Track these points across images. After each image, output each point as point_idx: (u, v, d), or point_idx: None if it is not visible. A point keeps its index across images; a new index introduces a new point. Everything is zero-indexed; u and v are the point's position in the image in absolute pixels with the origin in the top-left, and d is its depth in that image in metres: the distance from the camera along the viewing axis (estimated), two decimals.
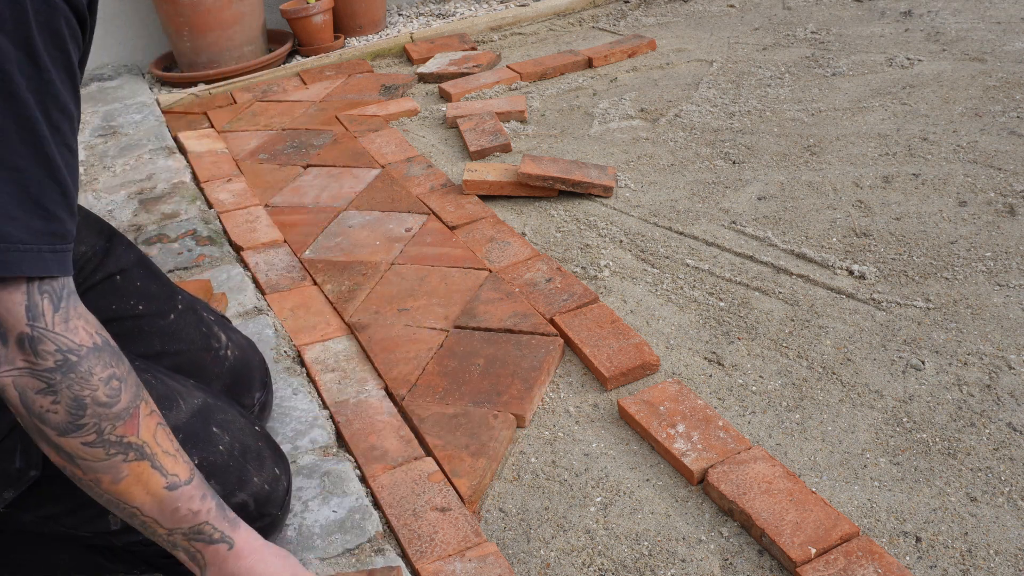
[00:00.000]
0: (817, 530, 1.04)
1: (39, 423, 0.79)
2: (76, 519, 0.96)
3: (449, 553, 1.07)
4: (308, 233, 1.94)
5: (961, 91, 2.28)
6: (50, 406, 0.78)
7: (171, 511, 0.86)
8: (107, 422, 0.80)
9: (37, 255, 0.75)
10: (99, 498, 0.84)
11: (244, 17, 3.09)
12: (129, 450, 0.82)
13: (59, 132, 0.77)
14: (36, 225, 0.74)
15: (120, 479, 0.82)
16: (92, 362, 0.80)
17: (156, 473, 0.84)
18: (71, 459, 0.81)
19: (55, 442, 0.80)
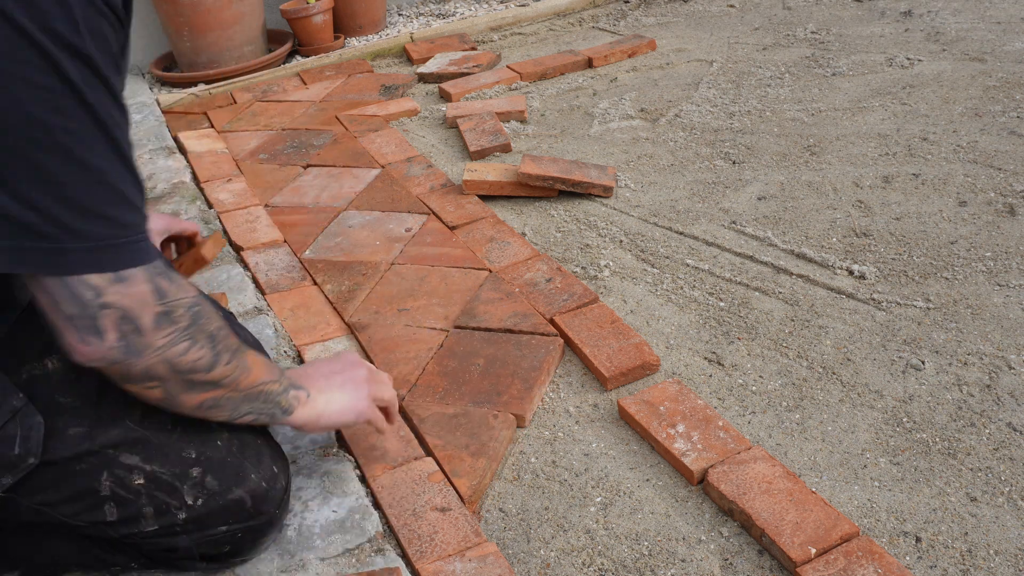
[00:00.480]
0: (817, 530, 1.04)
1: (189, 375, 0.91)
2: (73, 508, 0.96)
3: (449, 553, 1.07)
4: (308, 233, 1.94)
5: (961, 91, 2.28)
6: (196, 354, 0.91)
7: (269, 364, 1.03)
8: (228, 339, 0.95)
9: (142, 245, 0.83)
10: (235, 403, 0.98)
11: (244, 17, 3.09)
12: (241, 347, 0.98)
13: (124, 133, 0.82)
14: (130, 219, 0.82)
15: (250, 370, 0.99)
16: (205, 303, 0.93)
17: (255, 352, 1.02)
18: (217, 385, 0.95)
19: (205, 380, 0.93)
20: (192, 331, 0.90)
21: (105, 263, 0.80)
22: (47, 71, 0.72)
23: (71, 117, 0.74)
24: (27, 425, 0.89)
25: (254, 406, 1.01)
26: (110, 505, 0.97)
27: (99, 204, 0.78)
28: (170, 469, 0.99)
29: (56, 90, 0.73)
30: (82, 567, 1.10)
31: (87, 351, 0.84)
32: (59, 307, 0.81)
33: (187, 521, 1.00)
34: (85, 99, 0.75)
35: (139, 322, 0.84)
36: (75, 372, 0.95)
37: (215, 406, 0.97)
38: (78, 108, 0.75)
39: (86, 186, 0.77)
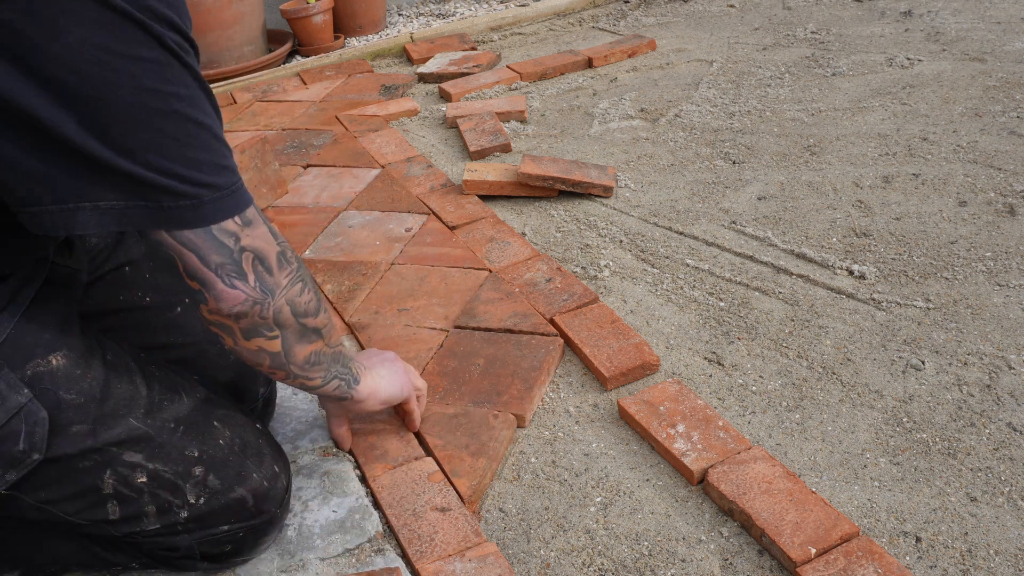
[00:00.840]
0: (817, 530, 1.04)
1: (304, 319, 0.96)
2: (76, 506, 0.97)
3: (449, 553, 1.07)
4: (308, 233, 1.94)
5: (961, 91, 2.28)
6: (308, 296, 0.96)
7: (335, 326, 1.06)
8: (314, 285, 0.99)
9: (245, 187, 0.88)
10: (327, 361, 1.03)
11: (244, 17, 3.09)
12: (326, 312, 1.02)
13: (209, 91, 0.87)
14: (235, 163, 0.88)
15: (334, 328, 1.03)
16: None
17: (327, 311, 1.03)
18: (319, 334, 1.00)
19: (313, 326, 0.98)
20: (302, 273, 0.95)
21: (235, 207, 0.86)
22: (153, 45, 0.77)
23: (180, 83, 0.80)
24: (32, 421, 0.90)
25: (338, 369, 1.06)
26: (112, 503, 0.97)
27: (217, 156, 0.84)
28: (173, 467, 0.99)
29: (163, 61, 0.78)
30: (82, 566, 1.10)
31: (234, 296, 0.88)
32: (207, 258, 0.86)
33: (189, 520, 1.01)
34: (187, 63, 0.80)
35: (268, 262, 0.90)
36: (80, 369, 0.95)
37: (317, 363, 1.01)
38: (184, 73, 0.80)
39: (204, 142, 0.82)
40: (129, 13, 0.75)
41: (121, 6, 0.74)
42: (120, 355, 1.02)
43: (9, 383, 0.89)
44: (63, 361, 0.94)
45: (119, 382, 0.98)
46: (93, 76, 0.75)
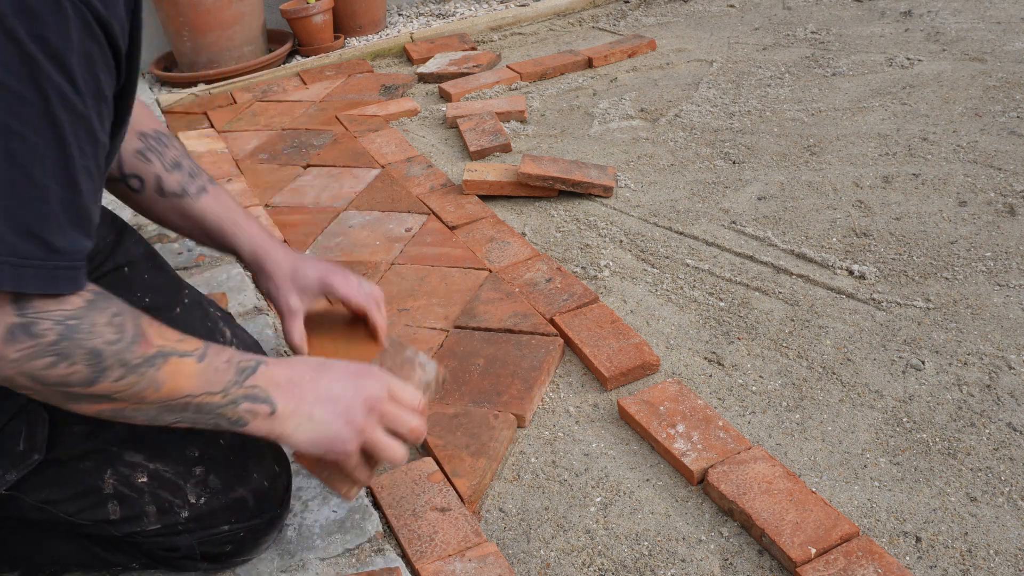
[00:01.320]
0: (817, 530, 1.04)
1: (63, 388, 0.82)
2: (76, 506, 0.97)
3: (449, 553, 1.07)
4: (308, 233, 1.94)
5: (961, 91, 2.28)
6: (67, 371, 0.81)
7: (213, 373, 0.89)
8: (126, 353, 0.84)
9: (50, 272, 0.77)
10: (149, 413, 0.87)
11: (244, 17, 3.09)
12: (155, 359, 0.86)
13: (84, 155, 0.78)
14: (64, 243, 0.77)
15: (161, 385, 0.86)
16: (92, 316, 0.82)
17: (184, 358, 0.88)
18: (107, 398, 0.84)
19: (86, 393, 0.83)
20: (62, 347, 0.80)
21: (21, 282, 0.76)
22: (23, 79, 0.71)
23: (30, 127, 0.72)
24: (32, 421, 0.90)
25: (183, 416, 0.89)
26: (113, 503, 0.97)
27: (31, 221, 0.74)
28: (173, 467, 0.99)
29: (26, 99, 0.72)
30: (82, 566, 1.10)
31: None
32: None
33: (189, 520, 1.01)
34: (52, 113, 0.73)
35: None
36: None
37: (121, 416, 0.87)
38: (42, 120, 0.73)
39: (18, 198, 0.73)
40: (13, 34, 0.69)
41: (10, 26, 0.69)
42: None
43: None
44: None
45: None
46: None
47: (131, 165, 1.16)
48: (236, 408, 0.91)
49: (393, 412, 0.96)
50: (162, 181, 1.17)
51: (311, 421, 0.93)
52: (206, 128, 2.69)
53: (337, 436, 0.93)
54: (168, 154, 1.18)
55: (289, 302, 1.18)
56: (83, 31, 0.74)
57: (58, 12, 0.71)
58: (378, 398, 0.95)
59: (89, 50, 0.75)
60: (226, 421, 0.91)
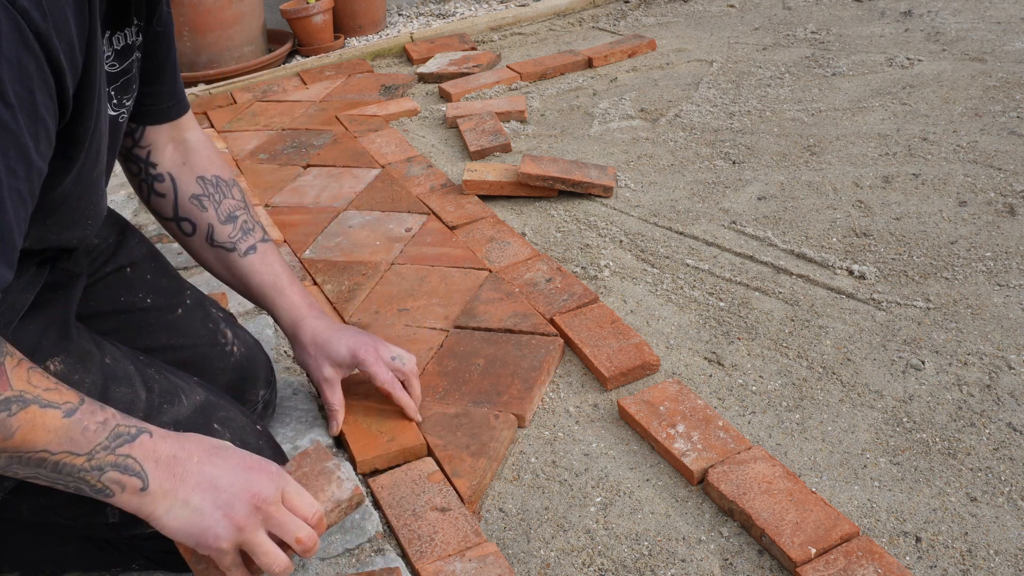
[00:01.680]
0: (817, 530, 1.04)
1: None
2: (74, 510, 0.96)
3: (449, 553, 1.07)
4: (308, 233, 1.94)
5: (961, 91, 2.28)
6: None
7: (79, 432, 0.80)
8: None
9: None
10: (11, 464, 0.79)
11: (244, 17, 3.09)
12: (11, 404, 0.77)
13: (13, 175, 0.72)
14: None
15: (13, 432, 0.76)
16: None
17: (47, 409, 0.79)
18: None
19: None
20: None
21: None
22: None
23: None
24: None
25: (39, 472, 0.80)
26: (112, 507, 0.97)
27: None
28: None
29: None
30: (82, 567, 1.10)
31: None
32: None
33: None
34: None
35: None
36: (77, 375, 0.95)
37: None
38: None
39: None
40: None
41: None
42: (119, 358, 1.02)
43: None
44: (61, 367, 0.94)
45: (118, 386, 0.98)
46: None
47: (186, 208, 1.17)
48: (101, 476, 0.82)
49: (280, 517, 0.87)
50: (213, 231, 1.19)
51: (186, 507, 0.84)
52: (206, 128, 2.69)
53: (210, 528, 0.84)
54: (225, 204, 1.19)
55: (324, 373, 1.23)
56: (16, 40, 0.69)
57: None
58: (266, 498, 0.86)
59: (23, 62, 0.70)
60: (88, 488, 0.82)
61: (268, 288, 1.22)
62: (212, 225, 1.18)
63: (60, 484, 0.82)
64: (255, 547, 0.86)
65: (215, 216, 1.18)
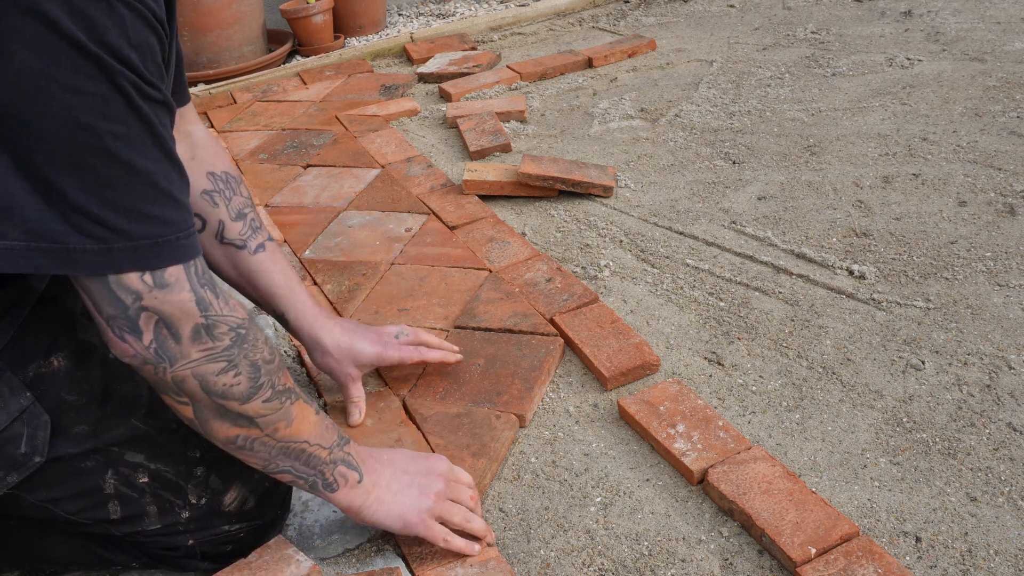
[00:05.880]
0: (817, 530, 1.04)
1: (221, 400, 0.87)
2: (77, 505, 0.97)
3: (449, 560, 1.07)
4: (308, 233, 1.94)
5: (961, 91, 2.28)
6: (232, 380, 0.87)
7: (324, 429, 0.97)
8: (275, 375, 0.91)
9: (185, 242, 0.82)
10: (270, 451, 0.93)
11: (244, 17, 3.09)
12: (291, 394, 0.93)
13: (169, 131, 0.83)
14: (174, 215, 0.81)
15: (292, 420, 0.93)
16: (255, 329, 0.89)
17: (307, 405, 0.96)
18: (251, 422, 0.90)
19: (237, 411, 0.88)
20: (232, 353, 0.86)
21: (146, 261, 0.80)
22: (101, 80, 0.74)
23: (120, 121, 0.76)
24: (33, 424, 0.90)
25: (293, 465, 0.95)
26: (114, 503, 0.97)
27: (144, 203, 0.78)
28: (175, 468, 0.99)
29: (107, 96, 0.75)
30: (82, 566, 1.10)
31: (122, 347, 0.83)
32: (100, 308, 0.81)
33: (190, 520, 1.01)
34: (135, 105, 0.77)
35: (177, 329, 0.83)
36: (81, 370, 0.95)
37: (247, 447, 0.92)
38: (128, 113, 0.76)
39: (130, 185, 0.77)
40: (81, 44, 0.72)
41: (74, 36, 0.72)
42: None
43: (11, 386, 0.89)
44: (64, 363, 0.94)
45: (120, 383, 0.98)
46: (26, 100, 0.72)
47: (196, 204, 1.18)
48: (334, 469, 0.98)
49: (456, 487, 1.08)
50: (224, 228, 1.20)
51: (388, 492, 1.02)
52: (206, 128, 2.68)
53: (413, 507, 1.02)
54: (235, 201, 1.20)
55: (350, 372, 1.30)
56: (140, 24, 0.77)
57: (112, 15, 0.74)
58: (444, 472, 1.07)
59: (148, 41, 0.78)
60: (321, 481, 0.98)
61: (279, 288, 1.24)
62: (223, 222, 1.18)
63: (302, 479, 0.97)
64: (452, 514, 1.05)
65: (226, 213, 1.19)
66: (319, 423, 0.96)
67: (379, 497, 1.01)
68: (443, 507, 1.04)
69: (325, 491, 0.98)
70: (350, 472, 0.99)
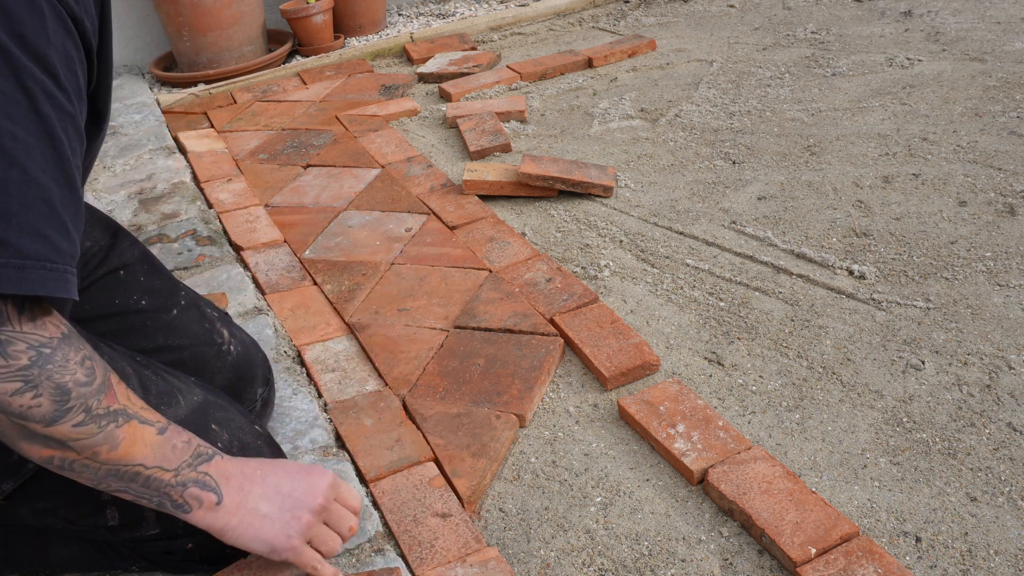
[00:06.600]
0: (817, 530, 1.04)
1: (22, 421, 0.78)
2: (75, 512, 0.96)
3: (449, 560, 1.07)
4: (308, 233, 1.94)
5: (961, 91, 2.28)
6: (31, 401, 0.78)
7: (169, 450, 0.88)
8: (92, 399, 0.82)
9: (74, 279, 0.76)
10: (96, 473, 0.84)
11: (244, 17, 3.09)
12: (118, 416, 0.84)
13: (75, 154, 0.77)
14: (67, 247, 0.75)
15: (118, 444, 0.84)
16: (66, 349, 0.80)
17: (145, 426, 0.86)
18: (62, 445, 0.81)
19: (42, 433, 0.80)
20: (31, 373, 0.77)
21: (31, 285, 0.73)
22: (7, 76, 0.70)
23: (20, 124, 0.71)
24: None
25: (129, 486, 0.86)
26: (111, 509, 0.97)
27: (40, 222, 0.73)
28: None
29: (11, 96, 0.70)
30: (82, 569, 1.10)
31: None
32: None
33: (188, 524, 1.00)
34: (39, 110, 0.72)
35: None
36: None
37: (67, 468, 0.83)
38: (30, 117, 0.71)
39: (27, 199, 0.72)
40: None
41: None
42: (116, 359, 1.02)
43: None
44: None
45: None
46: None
47: None
48: (183, 492, 0.89)
49: (337, 511, 0.98)
50: None
51: (256, 515, 0.92)
52: (206, 128, 2.69)
53: (282, 531, 0.93)
54: None
55: None
56: (60, 29, 0.73)
57: (33, 10, 0.70)
58: (326, 496, 0.96)
59: (67, 48, 0.74)
60: (170, 503, 0.89)
61: None
62: None
63: (144, 499, 0.88)
64: (322, 542, 0.96)
65: None
66: (160, 444, 0.87)
67: (243, 520, 0.92)
68: (315, 532, 0.96)
69: (177, 511, 0.90)
70: (205, 493, 0.90)
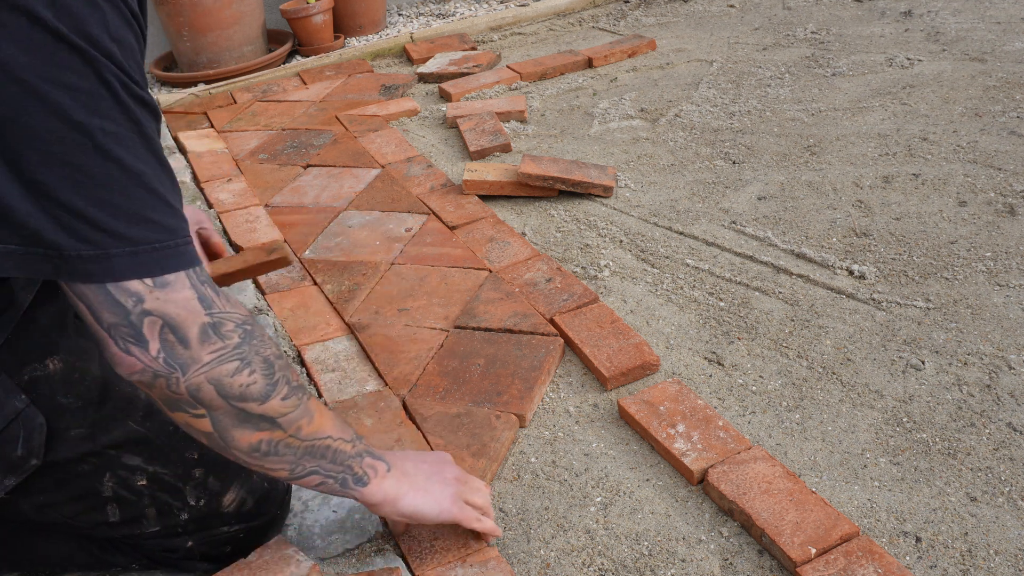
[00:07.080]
0: (817, 530, 1.04)
1: (240, 403, 0.83)
2: (75, 508, 0.96)
3: (449, 560, 1.07)
4: (308, 233, 1.94)
5: (961, 91, 2.28)
6: (247, 379, 0.82)
7: (342, 423, 0.94)
8: (288, 371, 0.87)
9: (185, 248, 0.79)
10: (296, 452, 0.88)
11: (244, 17, 3.09)
12: (304, 390, 0.89)
13: (156, 133, 0.80)
14: (172, 222, 0.78)
15: (313, 416, 0.89)
16: (259, 327, 0.86)
17: (319, 400, 0.93)
18: (272, 423, 0.86)
19: (258, 413, 0.84)
20: (244, 351, 0.82)
21: (147, 267, 0.76)
22: (87, 74, 0.71)
23: (110, 119, 0.73)
24: (29, 427, 0.89)
25: (320, 464, 0.90)
26: (112, 506, 0.97)
27: (140, 206, 0.75)
28: (172, 470, 0.99)
29: (96, 93, 0.72)
30: (82, 567, 1.10)
31: (129, 362, 0.78)
32: (99, 316, 0.76)
33: (189, 522, 1.01)
34: (122, 101, 0.74)
35: (183, 332, 0.78)
36: (77, 372, 0.95)
37: (273, 452, 0.87)
38: (116, 110, 0.73)
39: (125, 187, 0.74)
40: (64, 36, 0.69)
41: (57, 28, 0.69)
42: None
43: (6, 388, 0.89)
44: (60, 365, 0.94)
45: (117, 385, 0.98)
46: (13, 98, 0.69)
47: None
48: (361, 462, 0.94)
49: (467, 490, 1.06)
50: None
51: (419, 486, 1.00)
52: (206, 128, 2.69)
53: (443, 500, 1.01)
54: None
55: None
56: (122, 23, 0.75)
57: (94, 8, 0.72)
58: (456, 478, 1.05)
59: (128, 39, 0.76)
60: (352, 477, 0.94)
61: None
62: None
63: (331, 478, 0.93)
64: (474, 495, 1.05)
65: None
66: (335, 417, 0.93)
67: (413, 486, 0.98)
68: (465, 490, 1.04)
69: (356, 487, 0.94)
70: (377, 462, 0.96)
